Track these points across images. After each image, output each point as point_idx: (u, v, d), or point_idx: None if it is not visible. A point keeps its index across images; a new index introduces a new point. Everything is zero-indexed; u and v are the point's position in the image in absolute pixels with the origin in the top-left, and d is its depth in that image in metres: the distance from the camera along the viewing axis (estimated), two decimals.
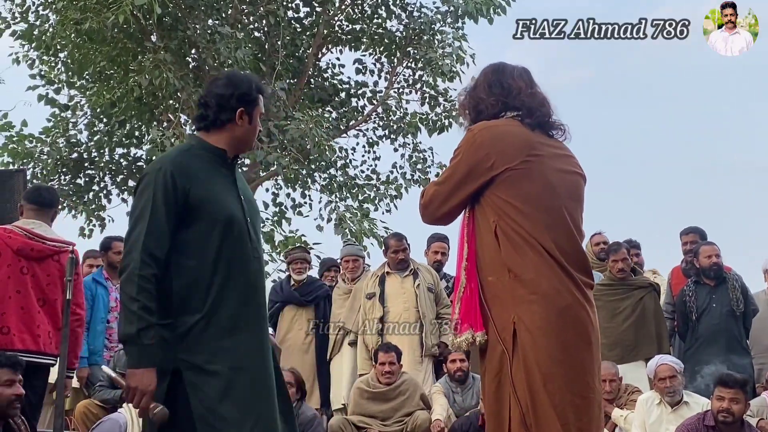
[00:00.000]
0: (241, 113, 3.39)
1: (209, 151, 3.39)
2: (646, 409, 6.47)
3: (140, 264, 3.13)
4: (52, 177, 14.34)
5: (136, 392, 3.11)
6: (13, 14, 13.97)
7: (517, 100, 3.42)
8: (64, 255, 5.42)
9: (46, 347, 5.30)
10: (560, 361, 3.19)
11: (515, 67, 3.53)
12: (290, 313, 8.23)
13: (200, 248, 3.24)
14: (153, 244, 3.16)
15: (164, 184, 3.21)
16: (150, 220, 3.18)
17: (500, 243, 3.28)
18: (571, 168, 3.44)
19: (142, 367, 3.11)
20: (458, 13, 14.04)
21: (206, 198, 3.27)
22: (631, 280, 7.72)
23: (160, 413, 3.10)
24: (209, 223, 3.26)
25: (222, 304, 3.23)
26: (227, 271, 3.25)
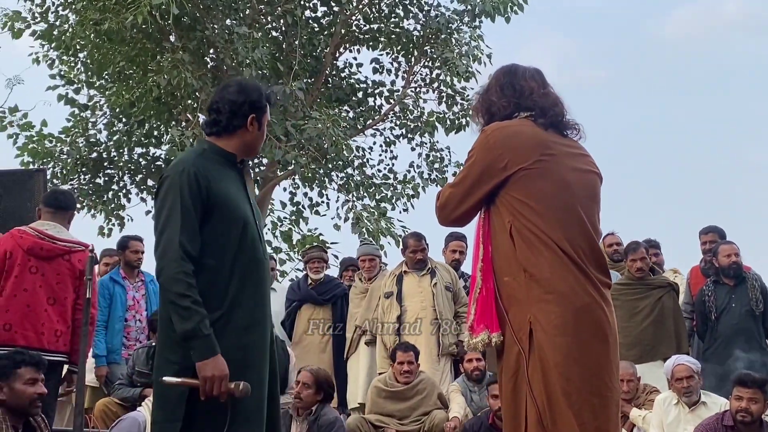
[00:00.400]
0: (252, 120, 3.50)
1: (221, 155, 3.49)
2: (663, 409, 6.44)
3: (181, 262, 3.22)
4: (72, 176, 14.43)
5: (214, 380, 3.18)
6: (33, 14, 14.05)
7: (530, 100, 3.42)
8: (76, 255, 5.53)
9: (50, 345, 5.36)
10: (577, 361, 3.18)
11: (527, 68, 3.53)
12: (307, 312, 8.24)
13: (219, 248, 3.33)
14: (187, 242, 3.25)
15: (189, 184, 3.30)
16: (182, 220, 3.26)
17: (515, 243, 3.28)
18: (586, 167, 3.43)
19: (210, 357, 3.19)
20: (475, 12, 14.02)
21: (224, 199, 3.37)
22: (650, 279, 7.69)
23: (244, 388, 3.21)
24: (227, 223, 3.35)
25: (239, 303, 3.33)
26: (243, 271, 3.35)
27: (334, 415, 6.29)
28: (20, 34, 14.05)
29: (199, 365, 3.20)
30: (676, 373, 6.44)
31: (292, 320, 8.25)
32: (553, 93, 3.48)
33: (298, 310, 8.28)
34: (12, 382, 4.41)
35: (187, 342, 3.21)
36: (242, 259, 3.36)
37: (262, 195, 14.33)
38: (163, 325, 3.36)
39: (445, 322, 7.52)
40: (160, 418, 3.33)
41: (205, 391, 3.20)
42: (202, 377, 3.19)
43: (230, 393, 3.21)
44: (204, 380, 3.19)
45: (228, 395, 3.21)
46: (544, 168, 3.29)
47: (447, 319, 7.55)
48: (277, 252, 15.30)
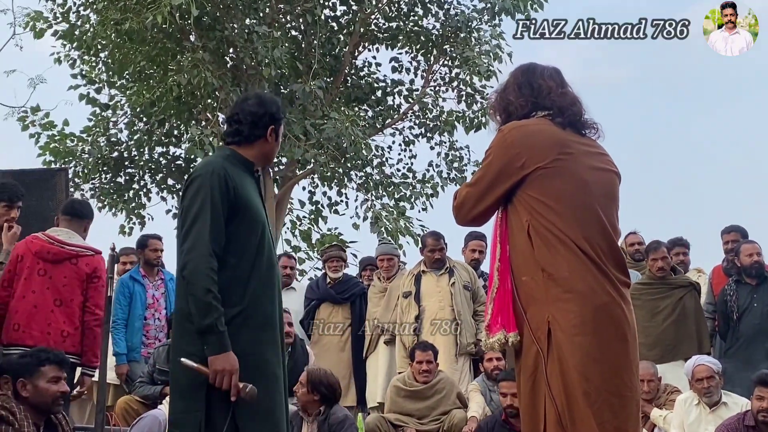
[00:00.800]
0: (271, 131, 3.73)
1: (242, 163, 3.68)
2: (684, 409, 6.41)
3: (208, 258, 3.38)
4: (93, 176, 14.52)
5: (224, 374, 3.34)
6: (55, 14, 14.14)
7: (548, 99, 3.41)
8: (83, 259, 5.72)
9: (57, 345, 5.44)
10: (596, 360, 3.17)
11: (545, 67, 3.52)
12: (326, 310, 8.25)
13: (242, 247, 3.50)
14: (214, 240, 3.41)
15: (219, 184, 3.48)
16: (211, 218, 3.43)
17: (533, 242, 3.27)
18: (604, 166, 3.41)
19: (223, 352, 3.35)
20: (495, 10, 14.00)
21: (248, 202, 3.55)
22: (671, 279, 7.65)
23: (251, 391, 3.37)
24: (250, 224, 3.54)
25: (258, 301, 3.50)
26: (262, 272, 3.53)
27: (343, 414, 6.25)
28: (42, 34, 14.14)
29: (211, 359, 3.36)
30: (697, 373, 6.40)
31: (311, 319, 8.26)
32: (571, 92, 3.47)
33: (317, 309, 8.29)
34: (35, 380, 4.45)
35: (204, 336, 3.37)
36: (261, 261, 3.53)
37: (282, 194, 14.36)
38: (181, 318, 3.49)
39: (464, 321, 7.51)
40: (181, 408, 3.45)
41: (214, 383, 3.36)
42: (213, 370, 3.35)
43: (236, 390, 3.36)
44: (214, 373, 3.35)
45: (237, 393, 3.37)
46: (562, 167, 3.28)
47: (465, 318, 7.54)
48: (296, 251, 15.33)
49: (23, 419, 4.30)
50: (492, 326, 3.38)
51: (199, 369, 3.38)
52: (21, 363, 4.51)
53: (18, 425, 4.26)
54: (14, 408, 4.32)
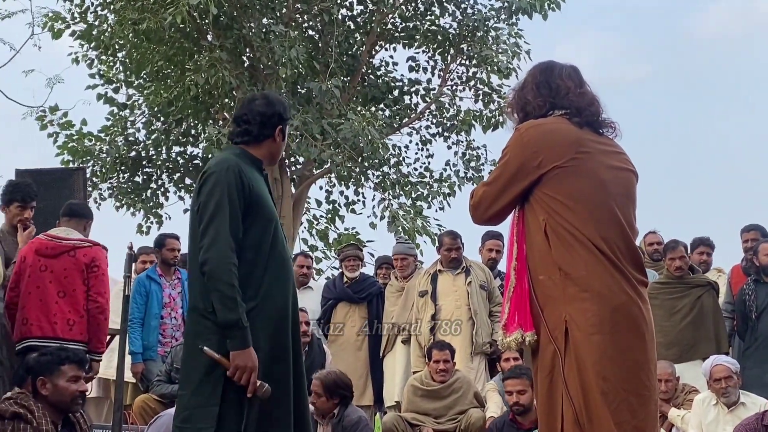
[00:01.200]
0: (279, 131, 3.77)
1: (252, 161, 3.72)
2: (702, 409, 6.38)
3: (230, 253, 3.42)
4: (111, 175, 14.58)
5: (245, 370, 3.38)
6: (73, 15, 14.20)
7: (566, 99, 3.39)
8: (81, 251, 5.97)
9: (64, 333, 5.78)
10: (614, 359, 3.16)
11: (564, 66, 3.50)
12: (343, 310, 8.26)
13: (256, 243, 3.53)
14: (234, 235, 3.45)
15: (235, 180, 3.51)
16: (230, 214, 3.46)
17: (550, 241, 3.26)
18: (622, 165, 3.40)
19: (246, 347, 3.39)
20: (512, 9, 13.97)
21: (261, 198, 3.58)
22: (689, 278, 7.61)
23: (267, 390, 3.41)
24: (264, 221, 3.57)
25: (271, 296, 3.53)
26: (275, 267, 3.55)
27: (357, 415, 6.24)
28: (60, 35, 14.20)
29: (233, 354, 3.38)
30: (714, 373, 6.37)
31: (328, 318, 8.27)
32: (589, 92, 3.45)
33: (334, 308, 8.29)
34: (55, 378, 4.47)
35: (228, 330, 3.39)
36: (274, 256, 3.55)
37: (299, 193, 14.38)
38: (197, 315, 3.49)
39: (479, 320, 7.50)
40: (194, 403, 3.44)
41: (233, 378, 3.39)
42: (234, 365, 3.38)
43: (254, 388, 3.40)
44: (235, 368, 3.37)
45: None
46: (579, 166, 3.27)
47: (481, 317, 7.53)
48: (313, 250, 15.35)
49: (41, 417, 4.32)
50: (509, 325, 3.37)
51: (221, 360, 3.39)
52: (41, 361, 4.53)
53: (36, 423, 4.28)
54: (32, 406, 4.34)
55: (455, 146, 15.32)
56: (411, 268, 8.26)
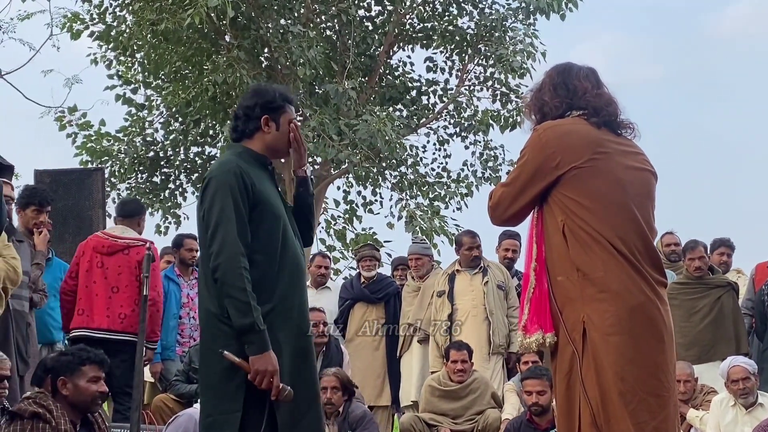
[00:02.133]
0: (266, 120, 3.58)
1: (254, 157, 3.59)
2: (721, 410, 6.34)
3: (239, 258, 3.34)
4: (129, 175, 14.66)
5: (266, 374, 3.31)
6: (92, 16, 14.28)
7: (583, 100, 3.38)
8: (134, 249, 6.35)
9: (117, 326, 6.23)
10: (632, 360, 3.15)
11: (581, 67, 3.48)
12: (360, 310, 8.25)
13: (266, 244, 3.44)
14: (242, 238, 3.37)
15: (237, 183, 3.40)
16: (236, 217, 3.38)
17: (568, 242, 3.25)
18: (640, 165, 3.38)
19: (264, 351, 3.32)
20: (530, 9, 13.94)
21: (266, 197, 3.49)
22: (709, 278, 7.56)
23: (289, 394, 3.34)
24: (271, 220, 3.47)
25: (289, 296, 3.46)
26: (289, 266, 3.48)
27: (362, 410, 6.27)
28: (79, 35, 14.29)
29: (253, 359, 3.31)
30: (732, 374, 6.33)
31: (345, 318, 8.27)
32: (606, 93, 3.43)
33: (351, 308, 8.29)
34: (76, 379, 4.48)
35: (245, 336, 3.32)
36: (287, 256, 3.48)
37: (316, 193, 14.37)
38: (213, 320, 3.43)
39: (496, 320, 7.49)
40: (219, 409, 3.40)
41: (254, 383, 3.32)
42: (255, 370, 3.31)
43: (277, 391, 3.33)
44: (256, 372, 3.31)
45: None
46: (597, 166, 3.26)
47: (498, 317, 7.51)
48: (330, 250, 15.36)
49: (60, 417, 4.34)
50: (529, 327, 3.35)
51: (241, 364, 3.34)
52: (62, 361, 4.54)
53: (55, 423, 4.30)
54: (51, 406, 4.36)
55: (473, 146, 15.31)
56: (426, 268, 8.24)
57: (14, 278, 5.33)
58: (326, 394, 6.17)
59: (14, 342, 5.51)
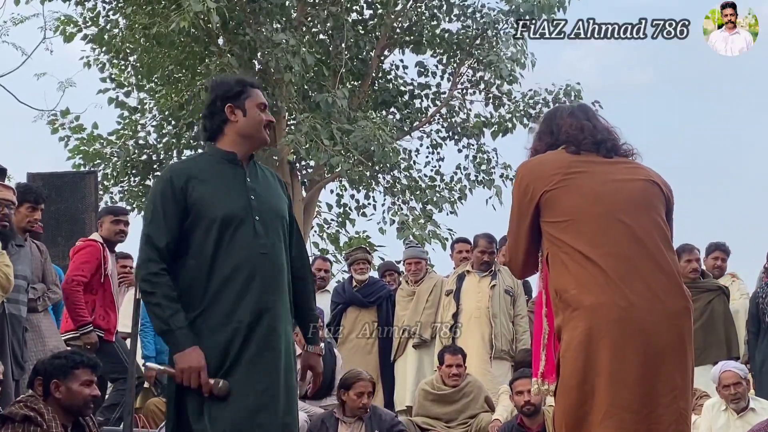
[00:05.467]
0: (230, 109, 3.53)
1: (218, 156, 3.55)
2: (712, 414, 6.36)
3: (147, 264, 3.37)
4: (122, 178, 14.64)
5: (190, 372, 3.27)
6: (85, 19, 14.27)
7: (563, 135, 3.38)
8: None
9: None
10: (603, 375, 3.05)
11: (568, 107, 3.53)
12: (353, 314, 8.25)
13: (199, 247, 3.41)
14: (155, 239, 3.37)
15: (163, 190, 3.43)
16: (151, 221, 3.41)
17: (550, 269, 3.22)
18: (630, 176, 3.31)
19: (186, 348, 3.29)
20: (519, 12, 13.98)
21: (202, 198, 3.42)
22: (700, 282, 7.58)
23: (224, 386, 3.27)
24: (206, 222, 3.42)
25: (218, 301, 3.37)
26: (225, 268, 3.38)
27: (391, 416, 6.27)
28: (72, 38, 14.27)
29: (175, 358, 3.31)
30: (723, 379, 6.35)
31: (338, 322, 8.27)
32: (590, 124, 3.38)
33: (343, 312, 8.30)
34: (69, 382, 4.47)
35: (164, 337, 3.37)
36: (224, 256, 3.39)
37: (309, 197, 14.40)
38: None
39: (499, 324, 7.49)
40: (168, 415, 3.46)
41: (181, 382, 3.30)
42: (179, 368, 3.29)
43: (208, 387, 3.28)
44: (180, 371, 3.29)
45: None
46: (568, 185, 3.22)
47: (501, 321, 7.51)
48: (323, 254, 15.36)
49: (51, 420, 4.33)
50: (548, 374, 3.34)
51: (165, 370, 3.37)
52: (55, 364, 4.54)
53: (46, 426, 4.29)
54: (42, 409, 4.35)
55: (466, 149, 15.32)
56: (423, 272, 8.27)
57: (6, 286, 5.31)
58: (363, 399, 6.19)
59: (9, 346, 5.47)
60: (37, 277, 6.13)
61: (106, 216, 6.65)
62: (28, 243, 6.06)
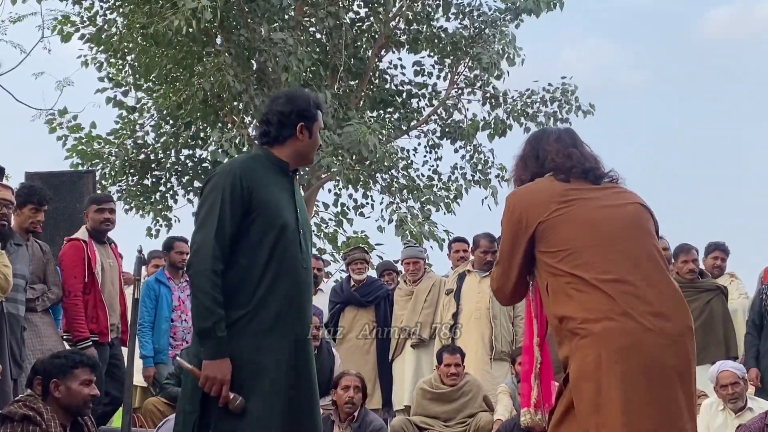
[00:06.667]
0: (301, 128, 3.59)
1: (273, 162, 3.60)
2: (710, 414, 6.37)
3: (212, 260, 3.35)
4: (120, 178, 14.63)
5: (215, 382, 3.30)
6: (82, 18, 14.26)
7: (551, 163, 3.36)
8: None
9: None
10: (615, 402, 3.02)
11: (554, 131, 3.48)
12: (351, 313, 8.25)
13: (255, 248, 3.43)
14: (221, 240, 3.37)
15: (232, 185, 3.42)
16: (219, 219, 3.39)
17: (551, 298, 3.19)
18: (621, 201, 3.30)
19: (218, 358, 3.31)
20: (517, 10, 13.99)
21: (266, 201, 3.46)
22: (699, 282, 7.59)
23: (240, 403, 3.31)
24: (266, 225, 3.44)
25: (265, 304, 3.41)
26: (276, 273, 3.43)
27: (379, 423, 6.26)
28: (69, 38, 14.27)
29: (205, 363, 3.33)
30: (721, 379, 6.36)
31: (336, 322, 8.27)
32: (577, 152, 3.36)
33: (341, 312, 8.30)
34: (68, 381, 4.47)
35: (202, 339, 3.35)
36: (276, 263, 3.43)
37: (307, 197, 14.39)
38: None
39: (499, 325, 7.49)
40: (184, 408, 3.45)
41: (203, 387, 3.32)
42: (204, 375, 3.32)
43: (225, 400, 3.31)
44: (205, 378, 3.31)
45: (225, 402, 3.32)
46: (564, 215, 3.20)
47: (501, 322, 7.51)
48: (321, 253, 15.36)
49: (50, 419, 4.33)
50: (539, 404, 3.37)
51: (193, 371, 3.37)
52: (55, 364, 4.54)
53: (45, 425, 4.29)
54: (41, 408, 4.35)
55: (462, 149, 15.33)
56: (422, 271, 8.27)
57: (5, 286, 5.31)
58: (349, 393, 6.22)
59: (8, 345, 5.47)
60: (38, 277, 6.12)
61: (90, 206, 6.60)
62: (30, 243, 6.06)
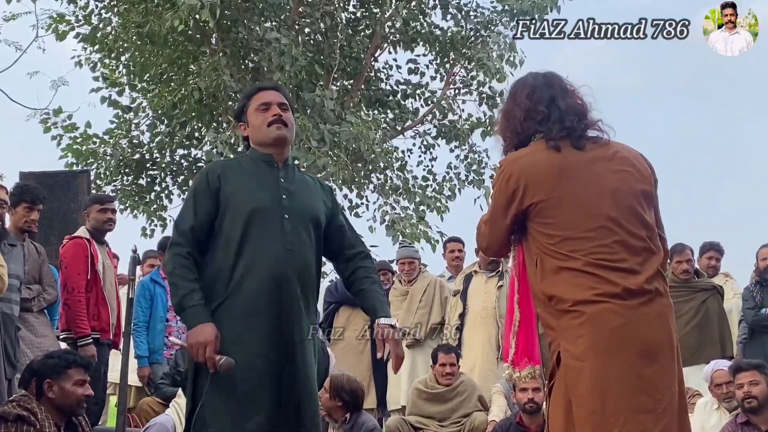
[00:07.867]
0: (242, 127, 3.84)
1: (256, 156, 3.74)
2: (704, 413, 6.38)
3: (178, 247, 3.52)
4: (115, 177, 14.61)
5: (199, 347, 3.37)
6: (77, 17, 14.23)
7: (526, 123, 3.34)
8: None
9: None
10: (612, 380, 3.07)
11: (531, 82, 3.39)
12: (345, 313, 8.25)
13: (227, 238, 3.55)
14: (190, 228, 3.54)
15: (200, 182, 3.63)
16: (187, 211, 3.59)
17: (541, 273, 3.22)
18: (612, 168, 3.27)
19: (197, 324, 3.40)
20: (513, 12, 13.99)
21: (234, 192, 3.59)
22: (694, 282, 7.61)
23: (226, 363, 3.35)
24: (236, 213, 3.56)
25: (241, 290, 3.48)
26: (250, 259, 3.50)
27: (372, 423, 6.25)
28: (64, 37, 14.22)
29: (187, 334, 3.43)
30: (716, 378, 6.36)
31: (330, 322, 8.26)
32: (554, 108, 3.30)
33: (336, 312, 8.29)
34: (62, 381, 4.47)
35: (180, 315, 3.50)
36: (250, 249, 3.51)
37: None
38: None
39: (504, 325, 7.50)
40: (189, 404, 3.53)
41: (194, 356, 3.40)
42: (189, 344, 3.40)
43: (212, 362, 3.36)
44: (191, 347, 3.39)
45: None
46: (562, 194, 3.19)
47: None
48: None
49: (44, 419, 4.33)
50: (517, 361, 3.39)
51: (182, 346, 3.47)
52: (48, 364, 4.53)
53: (39, 426, 4.29)
54: (35, 408, 4.35)
55: (457, 149, 15.34)
56: (417, 271, 8.27)
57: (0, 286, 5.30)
58: (326, 394, 6.05)
59: (2, 345, 5.47)
60: (34, 278, 6.11)
61: (93, 205, 6.61)
62: (26, 243, 6.05)
